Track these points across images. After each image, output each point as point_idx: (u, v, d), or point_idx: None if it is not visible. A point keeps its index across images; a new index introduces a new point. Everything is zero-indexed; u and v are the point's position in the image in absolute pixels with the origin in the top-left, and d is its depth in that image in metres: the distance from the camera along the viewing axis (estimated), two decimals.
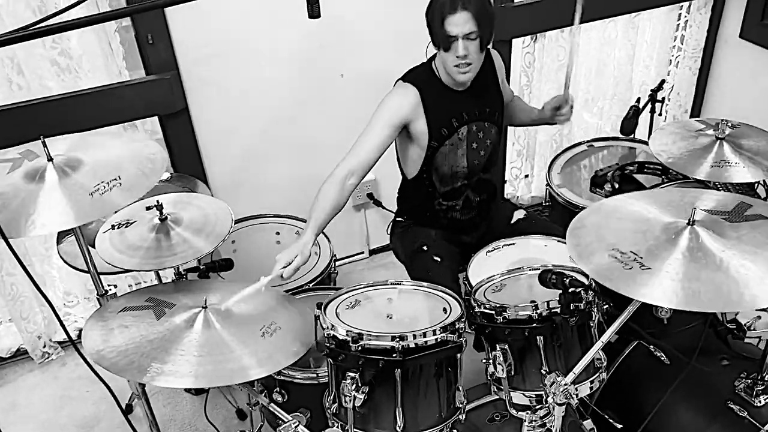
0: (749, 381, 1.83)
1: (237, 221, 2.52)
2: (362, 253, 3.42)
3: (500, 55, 2.31)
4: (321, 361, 1.94)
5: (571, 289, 1.42)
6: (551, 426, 1.50)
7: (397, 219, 2.47)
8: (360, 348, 1.48)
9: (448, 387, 1.57)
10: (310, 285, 2.27)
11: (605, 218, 1.38)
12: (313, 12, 1.26)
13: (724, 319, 1.85)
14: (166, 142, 2.75)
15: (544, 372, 1.47)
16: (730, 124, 2.02)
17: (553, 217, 2.73)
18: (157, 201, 1.95)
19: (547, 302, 1.53)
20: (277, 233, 2.57)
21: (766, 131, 2.08)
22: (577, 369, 1.38)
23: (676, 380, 1.94)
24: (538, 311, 1.51)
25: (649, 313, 1.81)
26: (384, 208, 3.19)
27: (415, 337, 1.49)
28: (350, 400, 1.47)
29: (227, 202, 2.16)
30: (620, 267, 1.22)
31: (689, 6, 3.37)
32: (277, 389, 1.90)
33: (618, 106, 3.52)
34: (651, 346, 1.90)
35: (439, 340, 1.50)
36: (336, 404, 1.59)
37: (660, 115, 3.11)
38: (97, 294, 1.80)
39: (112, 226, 1.99)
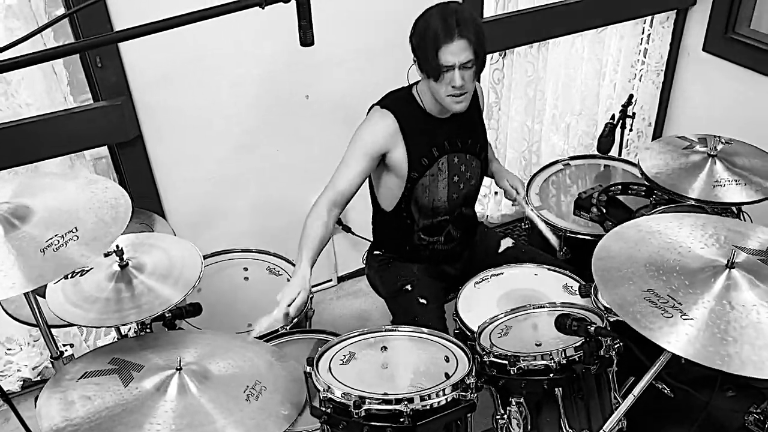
0: (758, 413, 1.75)
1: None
2: (330, 281, 3.25)
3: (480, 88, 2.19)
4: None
5: (596, 337, 1.29)
6: None
7: (375, 252, 2.31)
8: (363, 414, 1.32)
9: None
10: (286, 328, 2.08)
11: (633, 246, 1.25)
12: (306, 39, 1.11)
13: None
14: (118, 173, 2.53)
15: (568, 429, 1.34)
16: (723, 140, 1.96)
17: (532, 239, 2.63)
18: (117, 246, 1.74)
19: (564, 350, 1.40)
20: (245, 269, 2.37)
21: (758, 148, 2.02)
22: (608, 426, 1.26)
23: (680, 413, 1.87)
24: (556, 360, 1.38)
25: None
26: (354, 234, 3.03)
27: (423, 399, 1.33)
28: None
29: (188, 237, 2.00)
30: (659, 314, 1.09)
31: (652, 20, 3.35)
32: None
33: (585, 122, 3.47)
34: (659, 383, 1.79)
35: (449, 399, 1.35)
36: None
37: (631, 131, 3.07)
38: (51, 357, 1.58)
39: (65, 276, 1.76)
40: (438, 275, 2.21)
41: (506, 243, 2.27)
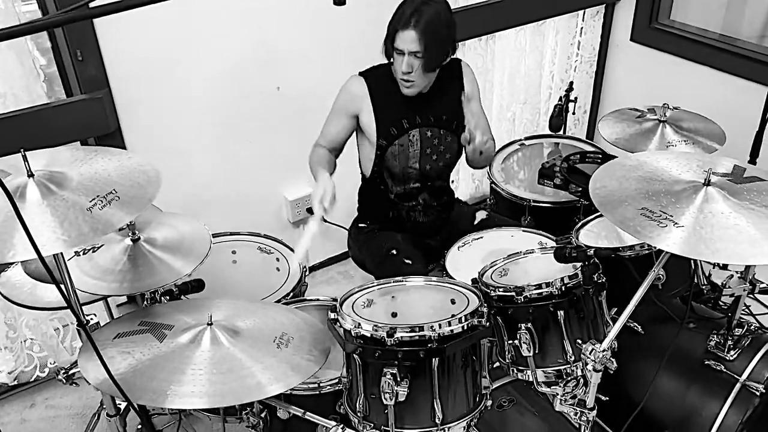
0: (719, 338, 1.99)
1: None
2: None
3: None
4: None
5: (593, 260, 1.48)
6: (584, 395, 1.54)
7: (360, 225, 2.45)
8: (397, 341, 1.45)
9: (474, 374, 1.57)
10: (287, 299, 2.18)
11: (622, 177, 1.45)
12: None
13: (699, 281, 2.00)
14: None
15: (579, 343, 1.51)
16: (670, 107, 2.22)
17: (498, 211, 2.83)
18: (130, 221, 1.80)
19: (563, 277, 1.58)
20: (233, 252, 2.45)
21: (698, 114, 2.29)
22: (612, 334, 1.44)
23: (651, 348, 2.08)
24: (558, 286, 1.55)
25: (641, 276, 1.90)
26: (326, 221, 3.13)
27: (448, 324, 1.48)
28: (391, 397, 1.43)
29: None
30: (656, 225, 1.29)
31: (584, 14, 3.65)
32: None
33: (529, 111, 3.72)
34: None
35: (468, 326, 1.50)
36: (365, 406, 1.53)
37: (573, 114, 3.34)
38: (77, 325, 1.62)
39: (76, 253, 1.81)
40: (420, 245, 2.36)
41: (480, 215, 2.46)
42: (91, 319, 1.64)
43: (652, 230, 1.29)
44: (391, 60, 2.14)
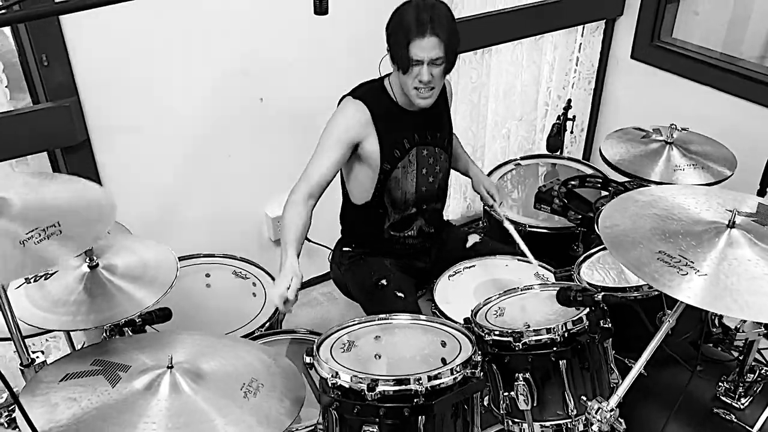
0: (730, 384, 1.83)
1: None
2: None
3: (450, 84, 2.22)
4: None
5: (601, 306, 1.32)
6: None
7: (344, 249, 2.28)
8: (379, 396, 1.28)
9: (465, 425, 1.41)
10: (262, 330, 2.01)
11: (634, 216, 1.30)
12: (321, 8, 1.08)
13: (710, 324, 1.85)
14: None
15: (583, 399, 1.36)
16: (678, 128, 2.07)
17: (491, 235, 2.67)
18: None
19: (566, 323, 1.42)
20: (207, 275, 2.28)
21: (707, 137, 2.15)
22: (621, 391, 1.28)
23: (655, 392, 1.92)
24: (560, 332, 1.40)
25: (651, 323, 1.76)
26: (309, 240, 2.97)
27: (436, 377, 1.31)
28: None
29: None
30: (675, 272, 1.13)
31: (583, 30, 3.52)
32: None
33: (524, 127, 3.58)
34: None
35: (460, 378, 1.34)
36: None
37: (571, 132, 3.20)
38: (21, 364, 1.45)
39: (27, 280, 1.63)
40: (409, 270, 2.20)
41: (473, 239, 2.30)
42: (37, 357, 1.47)
43: (672, 278, 1.13)
44: (399, 71, 1.96)
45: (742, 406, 1.80)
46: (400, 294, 2.03)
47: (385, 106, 2.02)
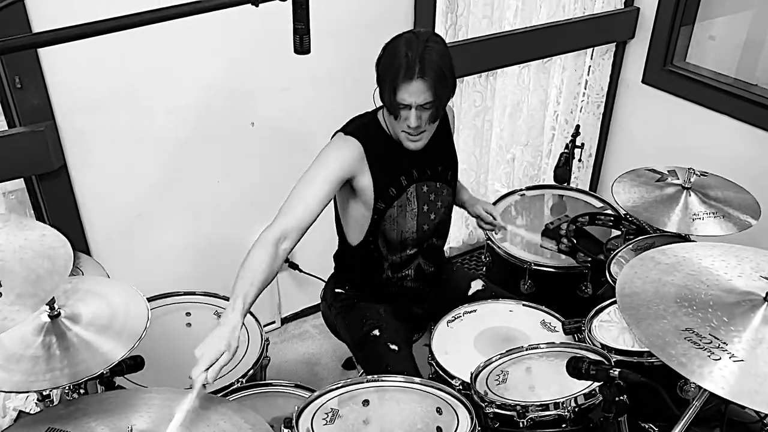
0: None
1: None
2: (273, 323, 3.02)
3: (453, 111, 2.07)
4: None
5: (616, 382, 1.16)
6: None
7: (336, 290, 2.12)
8: None
9: None
10: (242, 382, 1.84)
11: (657, 281, 1.14)
12: (302, 46, 0.94)
13: None
14: (36, 209, 2.24)
15: None
16: (697, 173, 1.92)
17: (494, 272, 2.52)
18: None
19: (575, 397, 1.26)
20: (188, 314, 2.13)
21: (728, 180, 1.99)
22: None
23: None
24: (570, 408, 1.24)
25: (668, 391, 1.60)
26: (302, 271, 2.82)
27: None
28: None
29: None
30: (706, 356, 0.98)
31: (592, 53, 3.38)
32: None
33: (530, 153, 3.43)
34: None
35: None
36: None
37: (579, 160, 3.05)
38: None
39: None
40: (405, 316, 2.05)
41: (476, 285, 2.13)
42: None
43: (702, 363, 0.98)
44: (389, 114, 1.81)
45: None
46: (393, 347, 1.87)
47: (380, 140, 1.87)
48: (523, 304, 1.99)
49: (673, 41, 3.18)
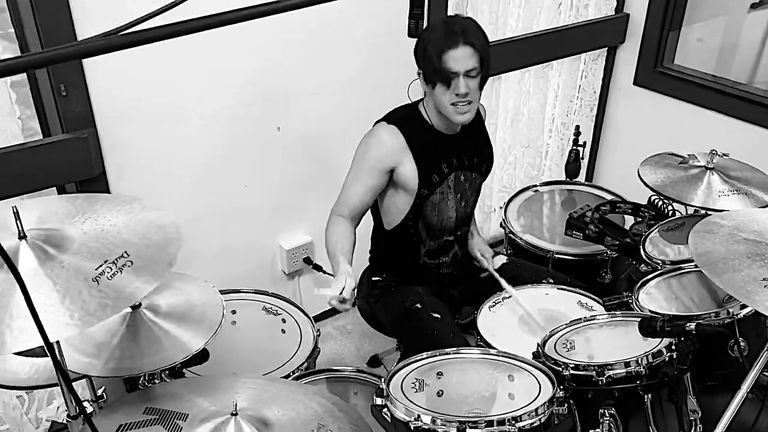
0: None
1: None
2: None
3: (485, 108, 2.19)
4: None
5: (691, 336, 1.27)
6: None
7: (373, 278, 2.20)
8: None
9: None
10: (302, 369, 1.91)
11: (724, 241, 1.26)
12: (417, 30, 1.03)
13: None
14: None
15: None
16: (719, 154, 2.07)
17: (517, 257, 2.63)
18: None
19: (646, 355, 1.36)
20: (233, 312, 2.18)
21: (746, 163, 2.15)
22: (725, 421, 1.23)
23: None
24: (644, 364, 1.34)
25: (719, 350, 1.70)
26: (325, 272, 2.88)
27: (526, 417, 1.25)
28: None
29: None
30: None
31: (585, 57, 3.54)
32: None
33: (530, 154, 3.57)
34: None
35: (546, 418, 1.27)
36: None
37: (582, 158, 3.19)
38: (68, 416, 1.33)
39: None
40: (443, 297, 2.14)
41: (500, 260, 2.26)
42: (87, 408, 1.35)
43: None
44: (434, 89, 1.90)
45: None
46: (436, 315, 1.97)
47: (421, 130, 1.97)
48: (558, 288, 2.10)
49: (663, 44, 3.36)
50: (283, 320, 2.14)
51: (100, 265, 1.12)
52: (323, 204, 2.74)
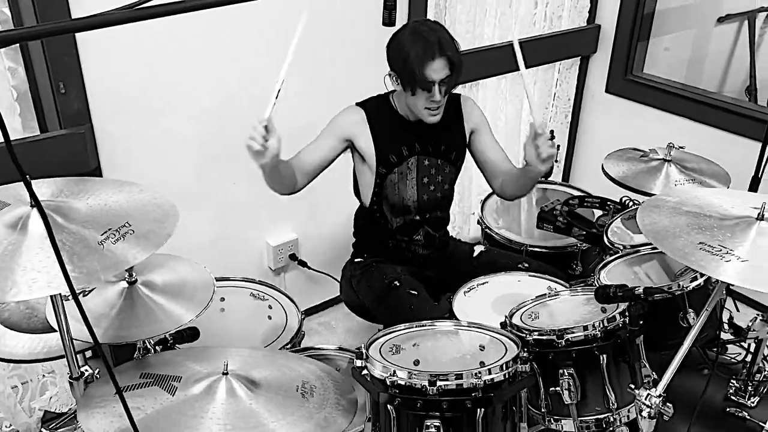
0: (740, 384, 1.93)
1: None
2: None
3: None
4: None
5: (641, 300, 1.41)
6: None
7: (356, 260, 2.34)
8: (439, 390, 1.33)
9: (513, 423, 1.46)
10: (288, 348, 2.02)
11: (668, 214, 1.41)
12: (390, 20, 1.17)
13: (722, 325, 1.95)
14: None
15: (631, 387, 1.42)
16: (675, 146, 2.23)
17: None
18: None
19: (602, 320, 1.50)
20: (222, 299, 2.28)
21: (698, 155, 2.31)
22: (667, 376, 1.36)
23: (673, 397, 2.01)
24: (599, 328, 1.47)
25: (671, 321, 1.83)
26: (310, 268, 3.00)
27: (489, 372, 1.37)
28: None
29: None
30: (719, 259, 1.24)
31: (560, 65, 3.71)
32: None
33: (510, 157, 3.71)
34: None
35: (511, 373, 1.40)
36: None
37: (557, 161, 3.35)
38: (71, 377, 1.44)
39: (64, 297, 1.62)
40: (421, 277, 2.27)
41: (479, 248, 2.41)
42: (86, 370, 1.46)
43: (717, 264, 1.24)
44: (410, 93, 2.06)
45: (752, 405, 1.90)
46: (413, 292, 2.10)
47: (386, 113, 2.15)
48: (529, 275, 2.23)
49: (632, 53, 3.54)
50: (270, 306, 2.25)
51: (105, 232, 1.24)
52: (309, 202, 2.89)
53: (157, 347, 1.77)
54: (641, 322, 1.48)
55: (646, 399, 1.34)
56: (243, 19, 2.48)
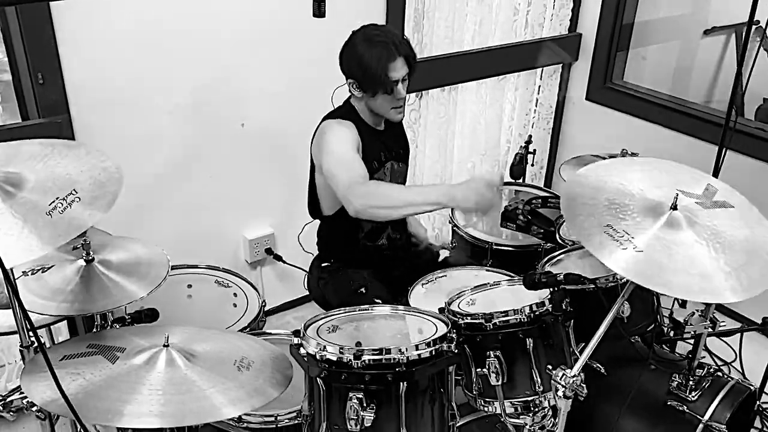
0: (681, 379, 1.99)
1: None
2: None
3: None
4: None
5: (563, 286, 1.47)
6: (553, 426, 1.51)
7: (323, 264, 2.40)
8: (363, 364, 1.40)
9: (441, 407, 1.52)
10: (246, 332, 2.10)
11: (593, 190, 1.46)
12: (320, 11, 1.24)
13: (662, 318, 2.01)
14: None
15: (549, 368, 1.49)
16: (629, 153, 2.28)
17: (458, 252, 2.83)
18: (85, 239, 1.72)
19: (530, 305, 1.57)
20: (189, 286, 2.36)
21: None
22: (583, 357, 1.42)
23: (615, 390, 2.06)
24: (526, 312, 1.54)
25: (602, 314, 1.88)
26: (285, 262, 3.08)
27: (416, 348, 1.44)
28: (357, 423, 1.37)
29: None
30: (616, 246, 1.30)
31: (542, 72, 3.79)
32: None
33: (488, 162, 3.79)
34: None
35: (436, 351, 1.46)
36: None
37: (532, 165, 3.41)
38: (21, 345, 1.52)
39: (24, 273, 1.72)
40: (386, 279, 2.33)
41: (444, 253, 2.47)
42: (34, 343, 1.54)
43: (612, 251, 1.30)
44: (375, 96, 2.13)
45: (692, 399, 1.96)
46: (378, 300, 2.15)
47: (362, 125, 2.21)
48: (486, 269, 2.30)
49: (612, 62, 3.61)
50: (235, 294, 2.32)
51: (52, 202, 1.32)
52: (285, 197, 2.97)
53: (116, 325, 1.85)
54: (565, 308, 1.54)
55: (561, 379, 1.40)
56: (221, 15, 2.57)
